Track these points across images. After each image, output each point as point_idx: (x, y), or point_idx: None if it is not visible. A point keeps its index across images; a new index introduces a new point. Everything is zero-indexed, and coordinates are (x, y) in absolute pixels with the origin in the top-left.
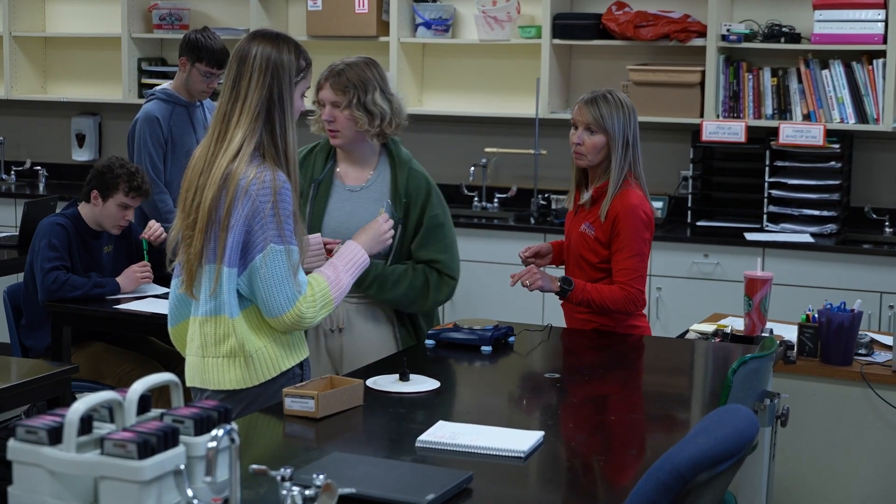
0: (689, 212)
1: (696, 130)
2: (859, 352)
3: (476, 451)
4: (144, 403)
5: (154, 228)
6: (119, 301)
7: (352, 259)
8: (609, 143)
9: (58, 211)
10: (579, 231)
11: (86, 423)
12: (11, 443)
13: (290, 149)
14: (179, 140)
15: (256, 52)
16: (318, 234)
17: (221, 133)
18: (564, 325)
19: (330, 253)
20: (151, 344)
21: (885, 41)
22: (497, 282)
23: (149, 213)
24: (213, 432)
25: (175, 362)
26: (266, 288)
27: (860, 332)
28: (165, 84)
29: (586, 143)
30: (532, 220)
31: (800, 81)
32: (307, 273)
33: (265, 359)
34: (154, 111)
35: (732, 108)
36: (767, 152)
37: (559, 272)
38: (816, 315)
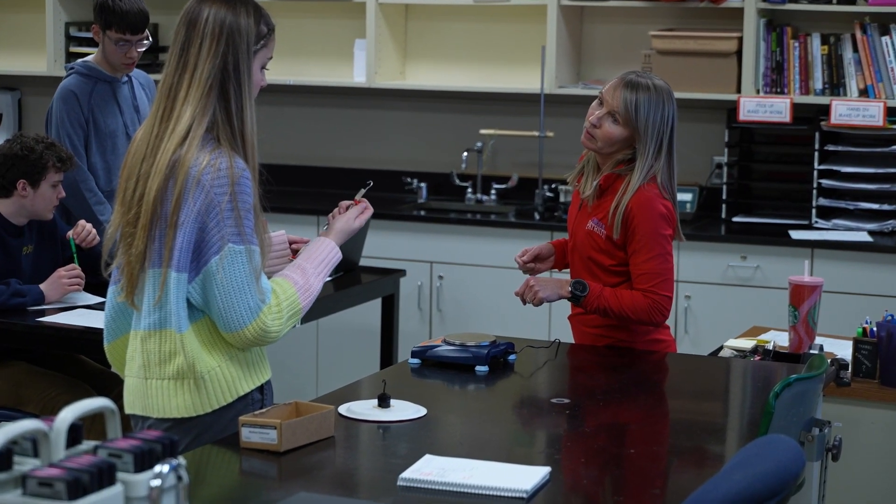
0: (724, 205)
1: (731, 109)
2: None
3: (469, 490)
4: (75, 434)
5: (84, 228)
6: (43, 313)
7: (323, 259)
8: (633, 142)
9: None
10: (586, 229)
11: (5, 458)
12: None
13: (247, 129)
14: (102, 121)
15: (209, 15)
16: (283, 232)
17: (167, 110)
18: (573, 341)
19: (295, 254)
20: (82, 364)
21: None
22: (494, 289)
23: (80, 216)
24: (157, 468)
25: (111, 385)
26: (223, 296)
27: None
28: (89, 56)
29: (603, 129)
30: (536, 216)
31: (855, 50)
32: (268, 276)
33: (219, 381)
34: (72, 87)
35: (775, 81)
36: (817, 134)
37: (564, 276)
38: (875, 328)
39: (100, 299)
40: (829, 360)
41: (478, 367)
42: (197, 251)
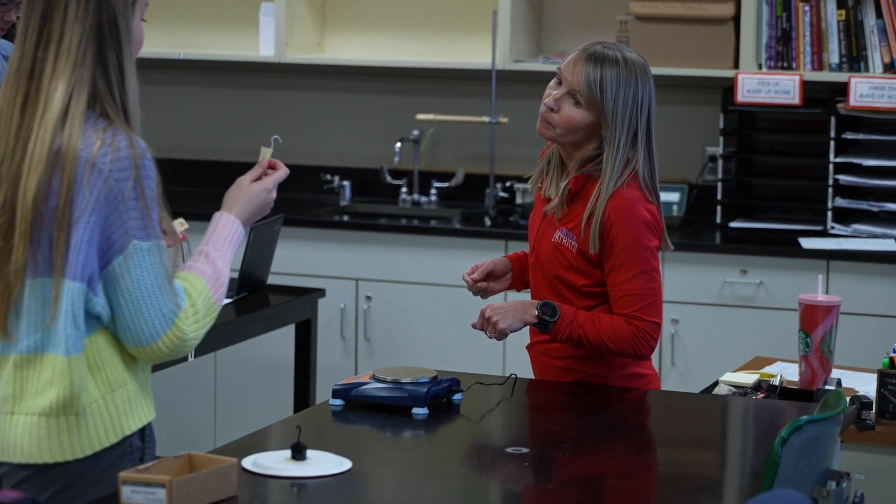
0: (719, 208)
1: (727, 88)
2: None
3: None
4: None
5: None
6: None
7: (224, 237)
8: (600, 128)
9: None
10: (552, 241)
11: None
12: None
13: (130, 99)
14: None
15: None
16: None
17: (30, 94)
18: (533, 375)
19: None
20: None
21: None
22: (435, 312)
23: None
24: None
25: None
26: (130, 304)
27: None
28: None
29: (562, 113)
30: (487, 221)
31: (879, 15)
32: None
33: (101, 417)
34: None
35: (781, 54)
36: (832, 120)
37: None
38: None
39: None
40: (848, 398)
41: (415, 410)
42: (99, 252)
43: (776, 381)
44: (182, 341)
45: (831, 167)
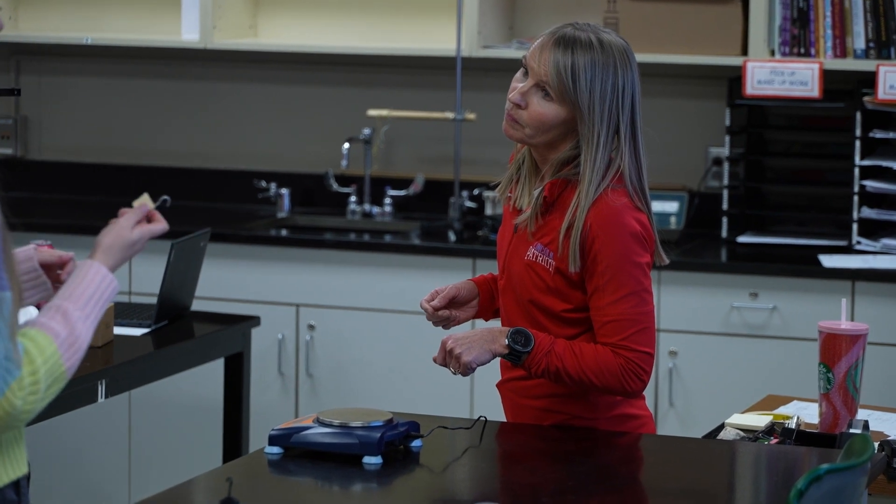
0: (725, 220)
1: (735, 79)
2: None
3: None
4: None
5: None
6: None
7: (91, 294)
8: (576, 124)
9: None
10: (526, 259)
11: None
12: None
13: None
14: None
15: None
16: (32, 246)
17: None
18: (505, 418)
19: (52, 272)
20: None
21: None
22: (390, 344)
23: None
24: None
25: None
26: None
27: None
28: None
29: (530, 108)
30: (451, 236)
31: None
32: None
33: None
34: None
35: (797, 38)
36: (858, 115)
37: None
38: None
39: None
40: (876, 444)
41: (366, 459)
42: None
43: (792, 424)
44: (10, 416)
45: (857, 171)
